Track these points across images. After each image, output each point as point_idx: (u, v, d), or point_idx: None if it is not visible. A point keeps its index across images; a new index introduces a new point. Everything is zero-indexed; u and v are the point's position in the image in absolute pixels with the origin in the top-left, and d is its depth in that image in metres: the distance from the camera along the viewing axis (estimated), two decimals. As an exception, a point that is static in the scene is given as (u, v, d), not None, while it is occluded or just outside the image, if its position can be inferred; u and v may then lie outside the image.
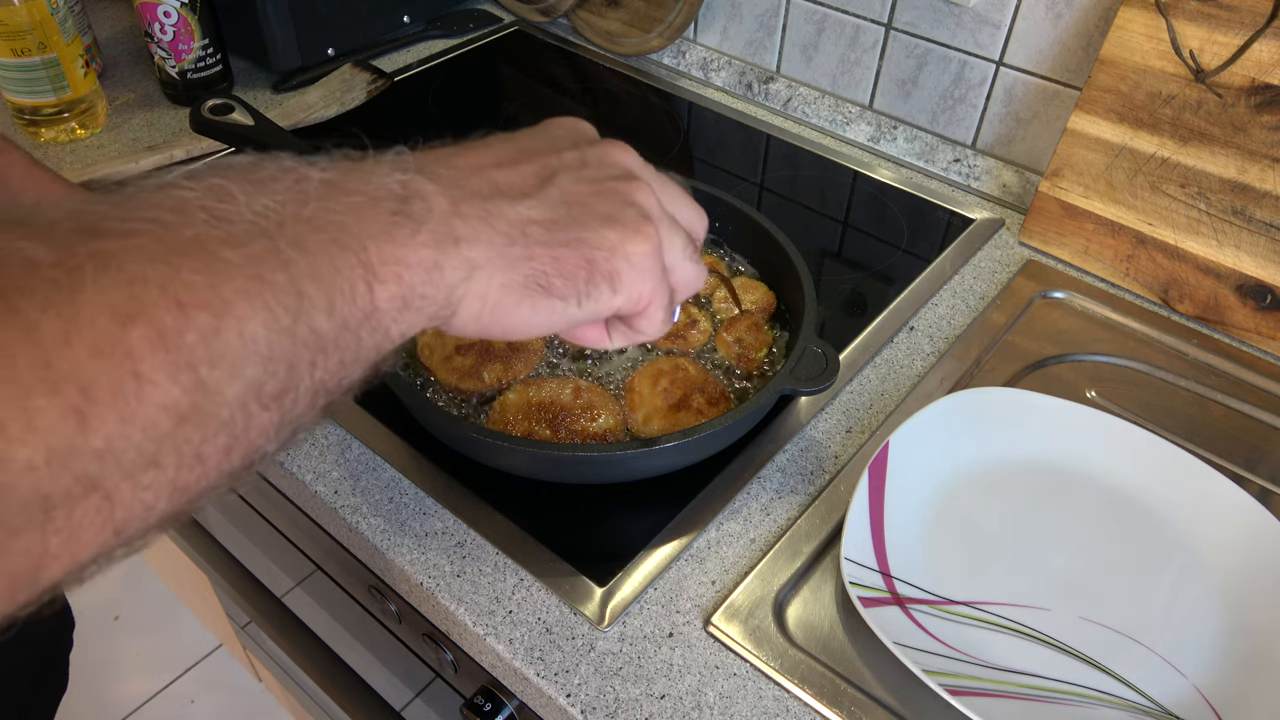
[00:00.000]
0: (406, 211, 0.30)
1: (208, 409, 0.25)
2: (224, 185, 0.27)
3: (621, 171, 0.37)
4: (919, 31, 0.89)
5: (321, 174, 0.29)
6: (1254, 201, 0.71)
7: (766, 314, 0.69)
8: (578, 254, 0.34)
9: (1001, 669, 0.52)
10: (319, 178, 0.29)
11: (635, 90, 1.05)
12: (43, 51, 0.84)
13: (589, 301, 0.35)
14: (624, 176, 0.37)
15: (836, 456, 0.64)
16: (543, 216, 0.33)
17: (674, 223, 0.38)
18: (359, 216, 0.29)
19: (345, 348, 0.29)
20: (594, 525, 0.60)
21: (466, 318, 0.33)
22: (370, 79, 0.98)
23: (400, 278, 0.29)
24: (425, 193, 0.31)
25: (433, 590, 0.55)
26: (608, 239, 0.34)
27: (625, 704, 0.50)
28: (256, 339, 0.25)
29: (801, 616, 0.55)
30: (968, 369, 0.70)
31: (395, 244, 0.29)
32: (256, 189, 0.27)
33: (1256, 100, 0.69)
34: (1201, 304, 0.75)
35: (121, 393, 0.23)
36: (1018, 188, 0.88)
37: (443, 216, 0.31)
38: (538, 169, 0.35)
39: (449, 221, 0.31)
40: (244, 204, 0.27)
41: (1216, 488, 0.59)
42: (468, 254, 0.31)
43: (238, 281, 0.25)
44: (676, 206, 0.39)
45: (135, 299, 0.23)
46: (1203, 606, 0.55)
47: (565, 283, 0.34)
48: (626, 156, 0.38)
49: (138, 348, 0.23)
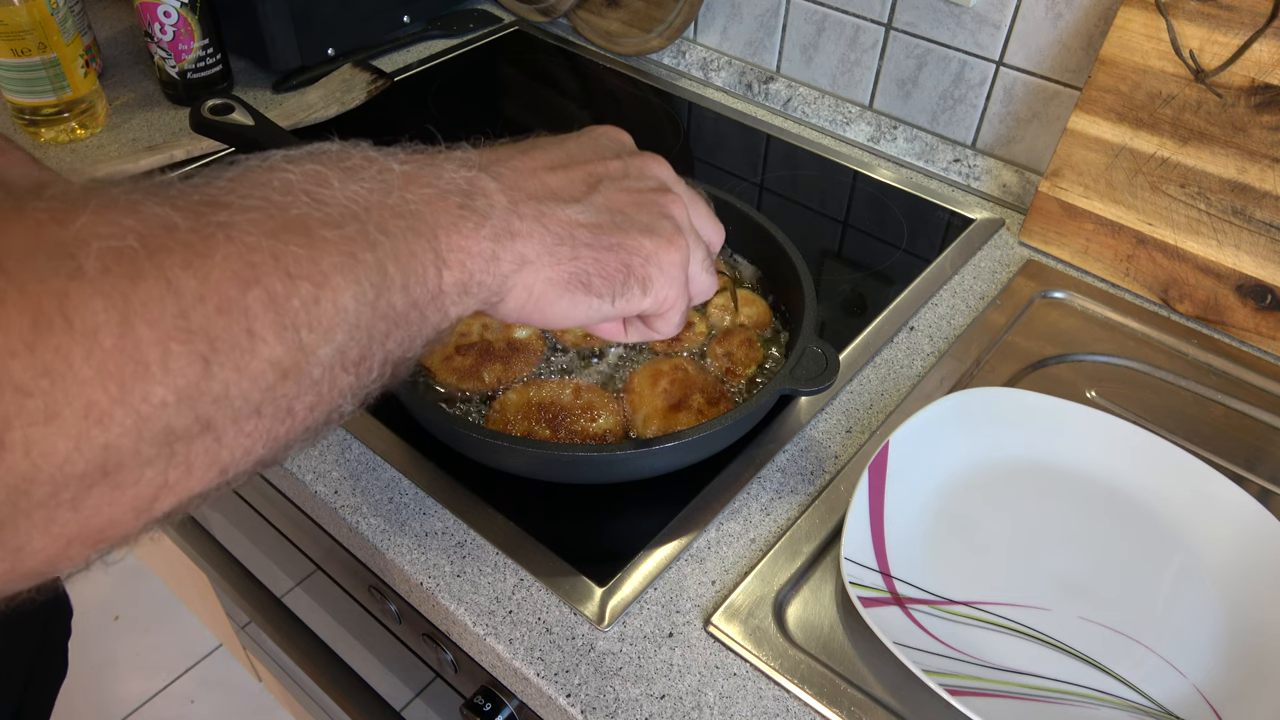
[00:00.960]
0: (472, 206, 0.33)
1: (304, 367, 0.28)
2: (321, 171, 0.30)
3: (658, 184, 0.41)
4: (919, 31, 0.89)
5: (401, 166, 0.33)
6: (1254, 201, 0.71)
7: (760, 329, 0.68)
8: (617, 258, 0.38)
9: (1001, 669, 0.52)
10: (399, 169, 0.32)
11: (635, 90, 1.05)
12: (43, 51, 0.84)
13: (621, 301, 0.38)
14: (660, 189, 0.41)
15: (836, 456, 0.64)
16: (589, 220, 0.37)
17: (698, 236, 0.42)
18: (432, 207, 0.32)
19: (413, 323, 0.32)
20: (594, 525, 0.60)
21: (513, 305, 0.36)
22: (370, 79, 0.98)
23: (463, 265, 0.33)
24: (488, 190, 0.34)
25: (433, 590, 0.55)
26: (645, 247, 0.38)
27: (625, 704, 0.50)
28: (346, 309, 0.29)
29: (801, 616, 0.55)
30: (968, 369, 0.70)
31: (461, 235, 0.33)
32: (348, 176, 0.31)
33: (1256, 100, 0.69)
34: (1201, 304, 0.75)
35: (238, 346, 0.26)
36: (1018, 188, 0.88)
37: (502, 213, 0.34)
38: (585, 175, 0.39)
39: (507, 218, 0.35)
40: (338, 189, 0.30)
41: (1216, 488, 0.59)
42: (521, 249, 0.35)
43: (334, 258, 0.28)
44: (701, 221, 0.43)
45: (253, 266, 0.26)
46: (1203, 606, 0.55)
47: (604, 282, 0.37)
48: (663, 170, 0.42)
49: (253, 308, 0.26)
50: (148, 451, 0.25)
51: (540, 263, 0.36)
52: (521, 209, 0.35)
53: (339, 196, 0.30)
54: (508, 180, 0.36)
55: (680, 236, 0.39)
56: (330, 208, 0.29)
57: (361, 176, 0.31)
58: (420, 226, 0.32)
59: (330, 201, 0.29)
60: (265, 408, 0.27)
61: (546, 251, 0.36)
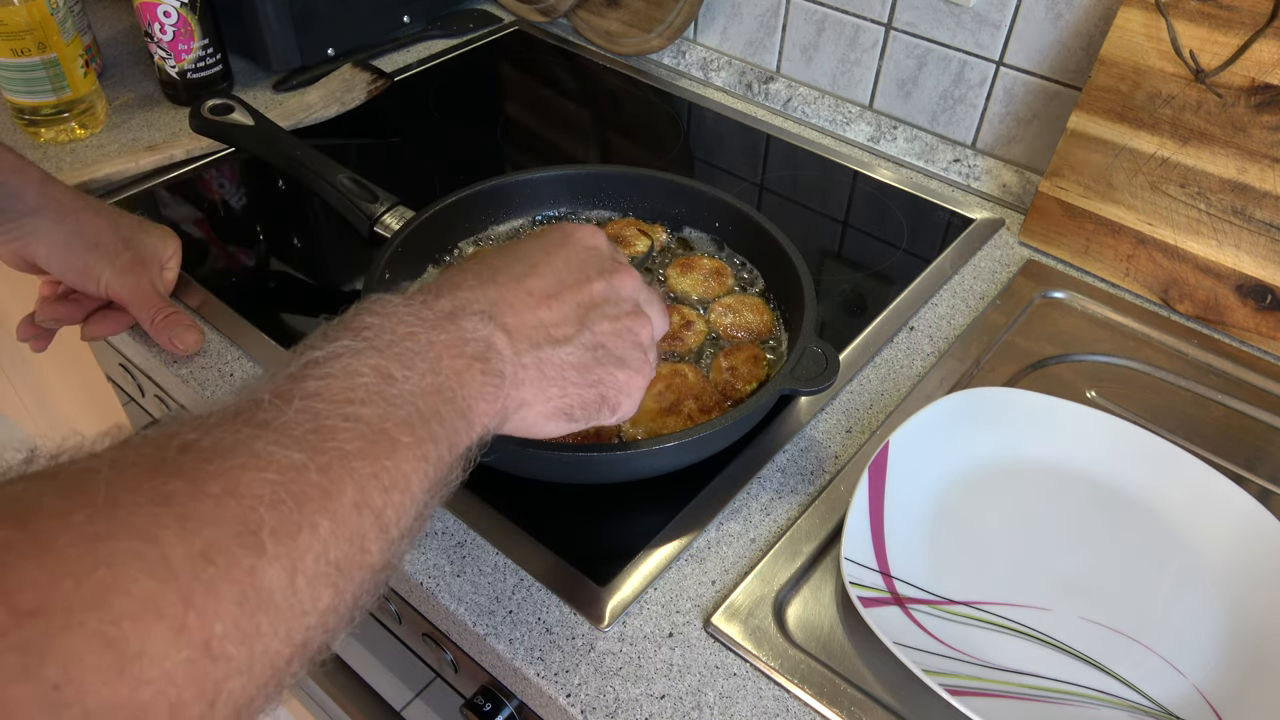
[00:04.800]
0: (490, 369, 0.40)
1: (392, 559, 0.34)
2: (383, 365, 0.35)
3: (632, 305, 0.47)
4: (919, 31, 0.89)
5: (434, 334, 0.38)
6: (1254, 201, 0.71)
7: (760, 337, 0.68)
8: (597, 392, 0.44)
9: (1001, 669, 0.52)
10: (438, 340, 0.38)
11: (635, 90, 1.05)
12: (43, 51, 0.84)
13: (594, 420, 0.46)
14: (634, 311, 0.47)
15: (836, 456, 0.64)
16: (577, 361, 0.44)
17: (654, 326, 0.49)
18: (462, 380, 0.38)
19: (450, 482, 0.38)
20: (594, 525, 0.60)
21: (506, 430, 0.43)
22: (370, 79, 0.98)
23: (484, 424, 0.40)
24: (499, 346, 0.40)
25: (433, 590, 0.55)
26: (619, 380, 0.45)
27: (625, 704, 0.50)
28: (418, 500, 0.35)
29: (801, 616, 0.55)
30: (968, 369, 0.70)
31: (485, 400, 0.39)
32: (406, 367, 0.36)
33: (1256, 100, 0.69)
34: (1201, 304, 0.75)
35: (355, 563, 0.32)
36: (1018, 188, 0.88)
37: (511, 367, 0.41)
38: (575, 307, 0.44)
39: (515, 372, 0.41)
40: (401, 383, 0.35)
41: (1216, 488, 0.59)
42: (523, 396, 0.42)
43: (412, 463, 0.34)
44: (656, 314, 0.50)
45: (364, 491, 0.32)
46: (1203, 606, 0.55)
47: (583, 411, 0.44)
48: (634, 285, 0.48)
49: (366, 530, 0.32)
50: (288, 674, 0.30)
51: (535, 403, 0.43)
52: (525, 358, 0.42)
53: (404, 391, 0.35)
54: (513, 328, 0.42)
55: (646, 363, 0.47)
56: (400, 408, 0.35)
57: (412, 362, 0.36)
58: (459, 404, 0.38)
59: (398, 401, 0.35)
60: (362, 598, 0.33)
61: (541, 393, 0.43)
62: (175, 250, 0.72)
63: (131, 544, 0.25)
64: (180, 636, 0.25)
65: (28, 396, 1.49)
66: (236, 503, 0.28)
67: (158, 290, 0.69)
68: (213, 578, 0.26)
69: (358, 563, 0.31)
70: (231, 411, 0.31)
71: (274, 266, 0.81)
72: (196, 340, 0.69)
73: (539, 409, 0.43)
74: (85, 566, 0.24)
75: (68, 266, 0.66)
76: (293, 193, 0.88)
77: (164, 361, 0.70)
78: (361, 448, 0.32)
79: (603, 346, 0.45)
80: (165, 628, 0.25)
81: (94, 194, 0.81)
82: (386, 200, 0.73)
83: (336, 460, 0.31)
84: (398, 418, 0.34)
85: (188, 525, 0.27)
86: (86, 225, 0.66)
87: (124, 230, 0.68)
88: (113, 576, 0.24)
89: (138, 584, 0.25)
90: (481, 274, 0.43)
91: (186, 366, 0.69)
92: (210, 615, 0.26)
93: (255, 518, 0.28)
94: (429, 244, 0.71)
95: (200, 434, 0.30)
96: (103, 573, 0.24)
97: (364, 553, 0.32)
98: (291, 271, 0.81)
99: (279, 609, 0.28)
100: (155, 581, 0.25)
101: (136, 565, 0.25)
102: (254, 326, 0.72)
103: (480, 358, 0.39)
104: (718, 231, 0.75)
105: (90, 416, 1.22)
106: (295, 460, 0.30)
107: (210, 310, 0.73)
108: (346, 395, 0.33)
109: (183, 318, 0.69)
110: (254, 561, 0.27)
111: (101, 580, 0.24)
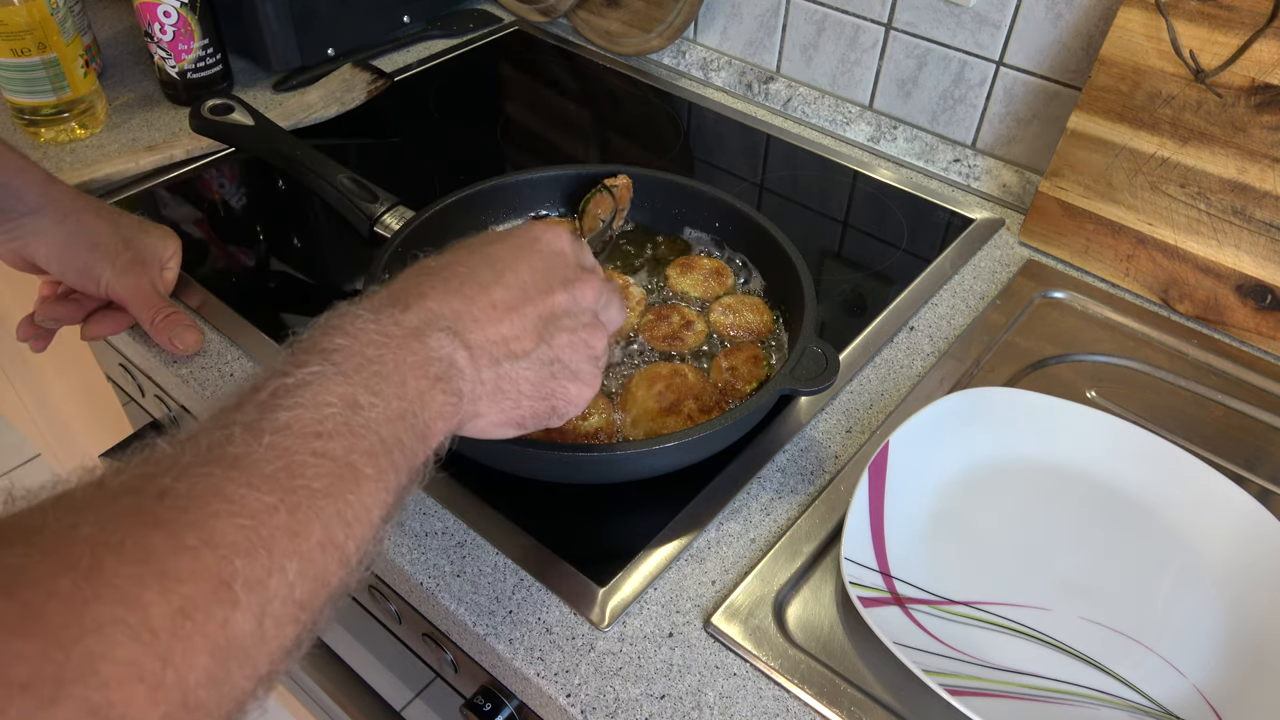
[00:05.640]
0: (450, 389, 0.41)
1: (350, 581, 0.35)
2: (353, 394, 0.36)
3: (590, 317, 0.48)
4: (919, 31, 0.89)
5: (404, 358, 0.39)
6: (1254, 201, 0.71)
7: (760, 337, 0.68)
8: (548, 404, 0.46)
9: (1001, 669, 0.52)
10: (408, 363, 0.39)
11: (635, 90, 1.05)
12: (43, 51, 0.84)
13: (540, 426, 0.47)
14: (590, 324, 0.48)
15: (836, 456, 0.64)
16: (533, 375, 0.45)
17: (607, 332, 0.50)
18: (424, 401, 0.39)
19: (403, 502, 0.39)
20: (594, 525, 0.60)
21: (458, 436, 0.44)
22: (370, 79, 0.98)
23: (439, 440, 0.41)
24: (460, 365, 0.41)
25: (433, 590, 0.55)
26: (569, 392, 0.47)
27: (625, 704, 0.50)
28: (376, 528, 0.36)
29: (801, 616, 0.55)
30: (968, 369, 0.70)
31: (444, 420, 0.40)
32: (373, 394, 0.37)
33: (1256, 100, 0.69)
34: (1201, 304, 0.75)
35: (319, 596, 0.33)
36: (1018, 188, 0.88)
37: (470, 387, 0.42)
38: (536, 320, 0.45)
39: (474, 389, 0.42)
40: (366, 412, 0.36)
41: (1216, 488, 0.59)
42: (478, 409, 0.43)
43: (376, 494, 0.36)
44: (609, 315, 0.51)
45: (328, 529, 0.33)
46: (1203, 606, 0.55)
47: (533, 419, 0.46)
48: (593, 296, 0.49)
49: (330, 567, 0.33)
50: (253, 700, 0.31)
51: (490, 413, 0.44)
52: (484, 374, 0.43)
53: (370, 420, 0.36)
54: (475, 345, 0.42)
55: (597, 375, 0.49)
56: (364, 438, 0.36)
57: (380, 387, 0.37)
58: (420, 428, 0.39)
59: (363, 431, 0.36)
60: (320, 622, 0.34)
61: (495, 406, 0.44)
62: (175, 250, 0.72)
63: (115, 610, 0.26)
64: (157, 694, 0.27)
65: (28, 396, 1.49)
66: (212, 553, 0.29)
67: (158, 290, 0.69)
68: (189, 633, 0.28)
69: (320, 595, 0.33)
70: (203, 448, 0.32)
71: (274, 266, 0.81)
72: (196, 340, 0.69)
73: (491, 418, 0.45)
74: (72, 635, 0.25)
75: (68, 266, 0.66)
76: (293, 193, 0.88)
77: (164, 361, 0.70)
78: (328, 485, 0.34)
79: (559, 360, 0.46)
80: (145, 689, 0.26)
81: (94, 194, 0.81)
82: (386, 200, 0.73)
83: (305, 500, 0.32)
84: (362, 448, 0.35)
85: (166, 583, 0.28)
86: (87, 225, 0.66)
87: (124, 230, 0.68)
88: (100, 644, 0.26)
89: (121, 648, 0.26)
90: (449, 282, 0.44)
91: (186, 366, 0.69)
92: (185, 670, 0.27)
93: (230, 570, 0.29)
94: (429, 244, 0.71)
95: (174, 478, 0.30)
96: (89, 642, 0.25)
97: (326, 586, 0.33)
98: (291, 271, 0.81)
99: (247, 653, 0.30)
100: (138, 646, 0.26)
101: (121, 631, 0.26)
102: (254, 326, 0.72)
103: (442, 378, 0.40)
104: (718, 231, 0.75)
105: (90, 416, 1.22)
106: (266, 503, 0.31)
107: (210, 310, 0.73)
108: (314, 428, 0.34)
109: (183, 318, 0.69)
110: (227, 614, 0.29)
111: (89, 650, 0.25)
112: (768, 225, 0.70)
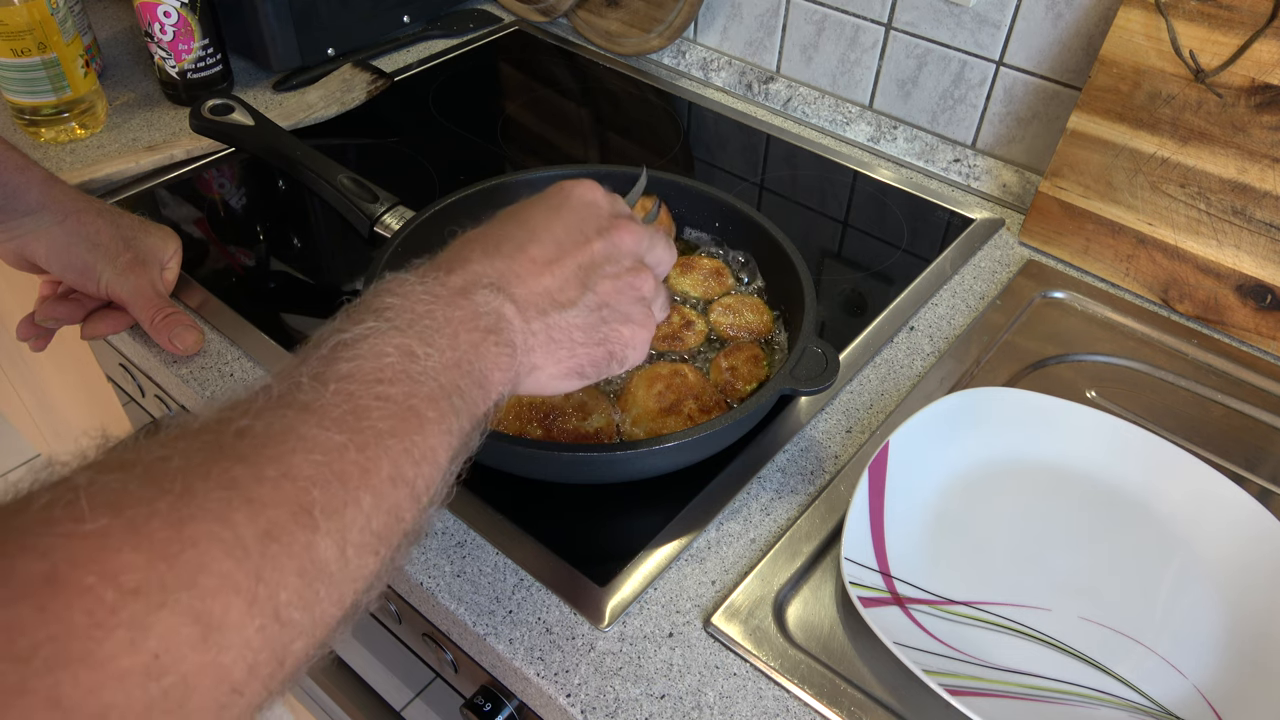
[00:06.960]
0: (502, 340, 0.42)
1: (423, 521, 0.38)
2: (408, 344, 0.38)
3: (632, 260, 0.49)
4: (919, 31, 0.89)
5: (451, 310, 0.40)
6: (1254, 201, 0.71)
7: (760, 337, 0.68)
8: (604, 349, 0.47)
9: (1001, 669, 0.52)
10: (457, 317, 0.40)
11: (635, 90, 1.05)
12: (43, 51, 0.84)
13: (603, 374, 0.48)
14: (634, 268, 0.48)
15: (836, 456, 0.64)
16: (583, 322, 0.46)
17: (658, 282, 0.51)
18: (479, 352, 0.41)
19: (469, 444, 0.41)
20: (594, 525, 0.60)
21: (520, 391, 0.46)
22: (370, 79, 0.98)
23: (499, 390, 0.42)
24: (509, 316, 0.43)
25: (433, 590, 0.55)
26: (624, 335, 0.47)
27: (625, 704, 0.50)
28: (443, 466, 0.38)
29: (801, 616, 0.55)
30: (968, 369, 0.70)
31: (500, 369, 0.42)
32: (427, 344, 0.38)
33: (1256, 100, 0.69)
34: (1201, 304, 0.75)
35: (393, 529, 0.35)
36: (1018, 188, 0.88)
37: (522, 335, 0.43)
38: (576, 270, 0.46)
39: (526, 339, 0.43)
40: (423, 361, 0.38)
41: (1216, 488, 0.59)
42: (534, 361, 0.44)
43: (439, 436, 0.37)
44: (657, 256, 0.51)
45: (398, 466, 0.35)
46: (1203, 606, 0.55)
47: (593, 368, 0.47)
48: (632, 240, 0.49)
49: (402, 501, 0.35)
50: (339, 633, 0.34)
51: (546, 365, 0.45)
52: (533, 325, 0.44)
53: (427, 368, 0.38)
54: (521, 298, 0.44)
55: (650, 316, 0.49)
56: (424, 384, 0.37)
57: (432, 339, 0.39)
58: (476, 375, 0.40)
59: (422, 377, 0.37)
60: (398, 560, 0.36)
61: (551, 356, 0.45)
62: (175, 250, 0.72)
63: (210, 527, 0.28)
64: (253, 607, 0.29)
65: (28, 396, 1.49)
66: (291, 484, 0.31)
67: (158, 290, 0.69)
68: (277, 554, 0.30)
69: (395, 530, 0.35)
70: (275, 395, 0.34)
71: (274, 266, 0.81)
72: (196, 340, 0.69)
73: (550, 370, 0.45)
74: (174, 549, 0.27)
75: (68, 266, 0.66)
76: (293, 193, 0.88)
77: (164, 361, 0.70)
78: (393, 426, 0.35)
79: (607, 305, 0.47)
80: (241, 600, 0.28)
81: (94, 194, 0.81)
82: (386, 200, 0.73)
83: (372, 439, 0.34)
84: (423, 394, 0.37)
85: (253, 507, 0.30)
86: (87, 225, 0.66)
87: (125, 230, 0.68)
88: (199, 557, 0.28)
89: (218, 562, 0.28)
90: (487, 246, 0.45)
91: (186, 366, 0.69)
92: (276, 587, 0.29)
93: (308, 498, 0.31)
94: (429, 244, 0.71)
95: (251, 419, 0.32)
96: (190, 554, 0.27)
97: (400, 521, 0.35)
98: (291, 271, 0.81)
99: (333, 577, 0.32)
100: (232, 561, 0.28)
101: (217, 546, 0.28)
102: (254, 326, 0.72)
103: (493, 330, 0.42)
104: (718, 231, 0.75)
105: (90, 416, 1.22)
106: (337, 441, 0.33)
107: (210, 310, 0.73)
108: (376, 375, 0.36)
109: (183, 318, 0.69)
110: (310, 537, 0.31)
111: (190, 561, 0.27)
112: (768, 225, 0.70)
